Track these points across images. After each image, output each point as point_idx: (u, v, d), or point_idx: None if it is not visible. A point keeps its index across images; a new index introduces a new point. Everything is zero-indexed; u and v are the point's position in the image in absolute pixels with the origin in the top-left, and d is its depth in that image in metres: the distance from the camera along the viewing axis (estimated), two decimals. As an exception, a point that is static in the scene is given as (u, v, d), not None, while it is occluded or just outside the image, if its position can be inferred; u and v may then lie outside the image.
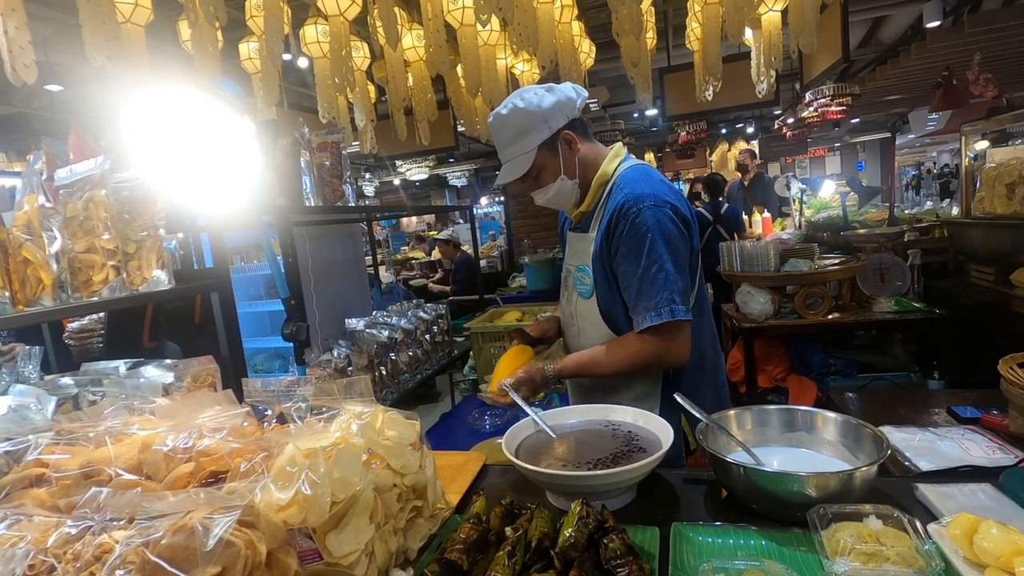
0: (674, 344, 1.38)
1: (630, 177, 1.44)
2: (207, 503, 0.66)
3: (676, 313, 1.34)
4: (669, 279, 1.35)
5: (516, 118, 1.43)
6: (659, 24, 4.28)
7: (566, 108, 1.44)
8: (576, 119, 1.47)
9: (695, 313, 1.45)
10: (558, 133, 1.44)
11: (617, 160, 1.50)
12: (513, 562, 0.81)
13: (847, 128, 12.61)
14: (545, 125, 1.42)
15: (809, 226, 5.02)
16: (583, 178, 1.51)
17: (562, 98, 1.43)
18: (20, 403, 1.13)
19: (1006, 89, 5.27)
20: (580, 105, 1.47)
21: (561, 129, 1.44)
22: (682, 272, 1.38)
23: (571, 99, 1.45)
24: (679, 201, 1.41)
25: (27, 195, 1.24)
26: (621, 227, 1.38)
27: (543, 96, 1.42)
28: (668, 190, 1.42)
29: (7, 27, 1.99)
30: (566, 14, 3.03)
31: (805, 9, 2.61)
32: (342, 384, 1.00)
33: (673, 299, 1.34)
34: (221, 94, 1.81)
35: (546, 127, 1.42)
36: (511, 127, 1.44)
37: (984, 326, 2.74)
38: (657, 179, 1.45)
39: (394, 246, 11.46)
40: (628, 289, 1.40)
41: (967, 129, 3.12)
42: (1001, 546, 0.74)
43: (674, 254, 1.36)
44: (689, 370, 1.49)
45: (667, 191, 1.41)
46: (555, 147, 1.45)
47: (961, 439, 1.46)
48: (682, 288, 1.37)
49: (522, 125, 1.43)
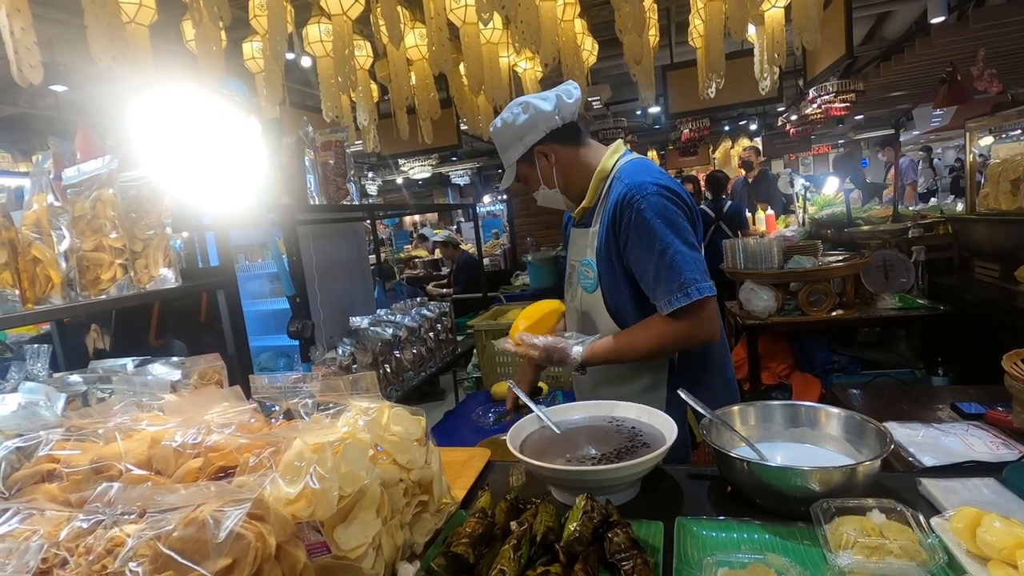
0: (704, 322, 1.39)
1: (629, 169, 1.46)
2: (217, 496, 0.66)
3: (702, 291, 1.35)
4: (686, 259, 1.35)
5: (499, 135, 1.54)
6: (662, 21, 4.28)
7: (540, 124, 1.48)
8: (558, 128, 1.50)
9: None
10: (533, 148, 1.51)
11: (616, 155, 1.53)
12: (519, 556, 0.82)
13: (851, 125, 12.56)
14: (520, 143, 1.51)
15: (813, 223, 5.00)
16: (580, 178, 1.54)
17: (534, 114, 1.47)
18: (30, 400, 1.14)
19: (1011, 85, 5.24)
20: (564, 112, 1.50)
21: (537, 144, 1.50)
22: (695, 249, 1.38)
23: (545, 112, 1.47)
24: (679, 188, 1.43)
25: (36, 194, 1.25)
26: (627, 217, 1.39)
27: (518, 115, 1.49)
28: (666, 178, 1.45)
29: (13, 28, 2.00)
30: (568, 12, 3.04)
31: (808, 5, 2.61)
32: (348, 380, 1.01)
33: (695, 278, 1.35)
34: (226, 93, 1.82)
35: (520, 144, 1.52)
36: (498, 142, 1.57)
37: (989, 322, 2.73)
38: (656, 170, 1.47)
39: (397, 244, 11.48)
40: (645, 276, 1.41)
41: (971, 125, 3.11)
42: (1003, 539, 0.74)
43: (683, 234, 1.37)
44: (695, 362, 1.50)
45: (665, 179, 1.44)
46: (532, 161, 1.53)
47: (965, 435, 1.47)
48: (699, 266, 1.37)
49: (503, 142, 1.55)
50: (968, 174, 3.20)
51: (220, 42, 2.75)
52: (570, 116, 1.51)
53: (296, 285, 2.17)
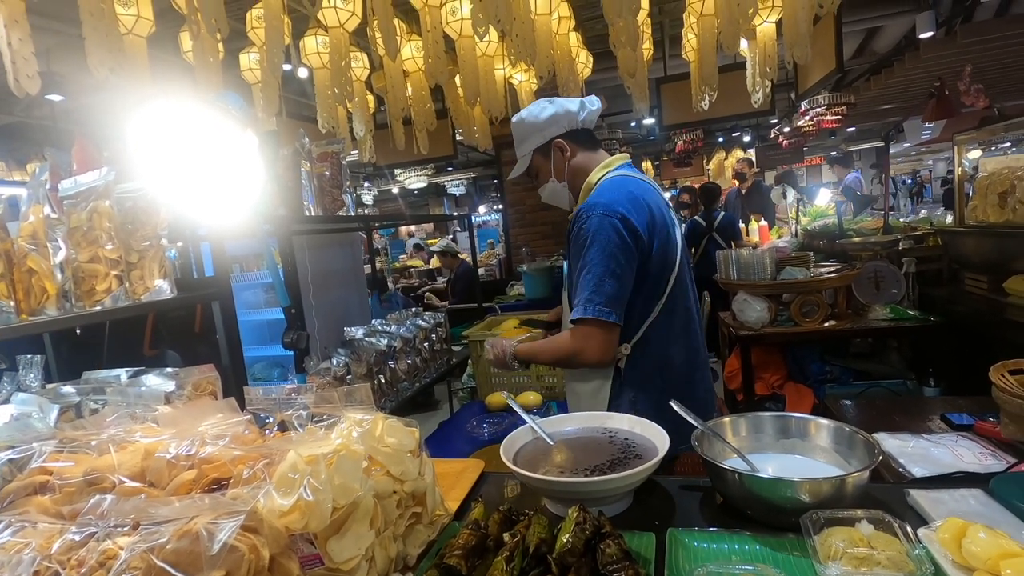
0: (589, 343, 1.46)
1: (603, 186, 1.56)
2: (211, 508, 0.67)
3: (588, 311, 1.42)
4: (601, 283, 1.43)
5: (520, 126, 1.67)
6: (656, 35, 4.33)
7: (563, 120, 1.61)
8: (578, 130, 1.63)
9: (663, 322, 1.52)
10: (551, 141, 1.63)
11: (606, 170, 1.61)
12: (511, 567, 0.83)
13: (843, 137, 12.70)
14: (540, 134, 1.63)
15: (805, 234, 5.05)
16: (574, 183, 1.64)
17: (560, 111, 1.61)
18: (23, 411, 1.13)
19: (997, 99, 5.33)
20: (586, 116, 1.63)
21: (555, 138, 1.62)
22: (614, 278, 1.44)
23: (570, 112, 1.61)
24: (636, 213, 1.47)
25: (32, 206, 1.26)
26: (575, 228, 1.50)
27: (544, 108, 1.63)
28: (628, 201, 1.48)
29: (11, 38, 2.01)
30: (563, 25, 3.07)
31: (799, 21, 2.65)
32: (343, 392, 1.02)
33: (592, 299, 1.42)
34: (224, 107, 1.84)
35: (540, 136, 1.63)
36: (517, 132, 1.68)
37: (978, 334, 2.76)
38: (626, 190, 1.52)
39: (393, 254, 11.48)
40: (571, 287, 1.55)
41: (960, 139, 3.16)
42: (988, 550, 0.75)
43: (608, 259, 1.43)
44: (645, 377, 1.54)
45: (624, 202, 1.48)
46: (548, 153, 1.65)
47: (954, 445, 1.48)
48: (608, 292, 1.43)
49: (524, 132, 1.66)
50: (956, 187, 3.25)
51: (218, 54, 2.76)
52: (590, 123, 1.65)
53: (291, 296, 2.17)
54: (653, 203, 1.53)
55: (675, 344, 1.57)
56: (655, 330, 1.53)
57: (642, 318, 1.53)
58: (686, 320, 1.59)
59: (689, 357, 1.59)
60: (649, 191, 1.57)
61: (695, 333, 1.61)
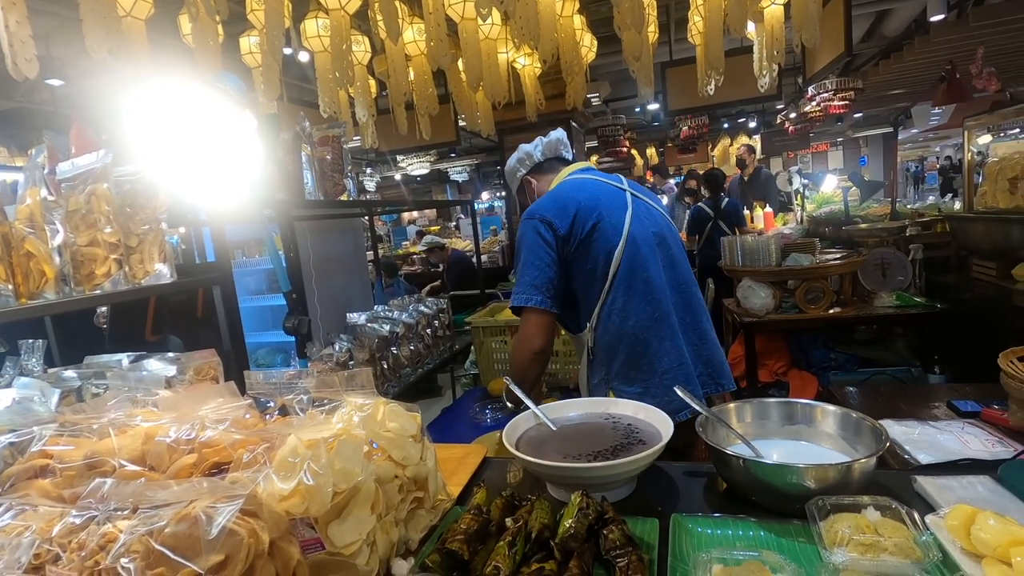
0: (527, 328, 1.67)
1: (542, 197, 1.80)
2: (210, 492, 0.66)
3: (518, 300, 1.67)
4: (520, 275, 1.69)
5: (507, 175, 2.05)
6: (661, 18, 4.26)
7: (525, 161, 1.95)
8: (540, 163, 1.93)
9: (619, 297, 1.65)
10: (522, 180, 1.97)
11: (555, 183, 1.85)
12: (513, 552, 0.82)
13: (849, 123, 12.55)
14: (514, 177, 2.00)
15: (811, 221, 5.01)
16: None
17: (521, 155, 1.95)
18: (24, 395, 1.13)
19: (1010, 83, 5.24)
20: (543, 149, 1.92)
21: (524, 176, 1.96)
22: (536, 268, 1.66)
23: (530, 153, 1.94)
24: (556, 212, 1.67)
25: (29, 188, 1.24)
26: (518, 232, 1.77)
27: (512, 158, 1.98)
28: (550, 203, 1.71)
29: (8, 21, 1.98)
30: (567, 8, 3.02)
31: (808, 3, 2.59)
32: (344, 377, 1.01)
33: (519, 290, 1.67)
34: (222, 88, 1.81)
35: (515, 179, 2.00)
36: (507, 181, 2.07)
37: (986, 321, 2.73)
38: (553, 195, 1.75)
39: (395, 241, 11.46)
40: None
41: (970, 123, 3.11)
42: (998, 536, 0.74)
43: (530, 255, 1.67)
44: (609, 350, 1.68)
45: (547, 204, 1.71)
46: (522, 188, 1.99)
47: (961, 433, 1.47)
48: (532, 281, 1.65)
49: (509, 179, 2.05)
50: (966, 172, 3.20)
51: (217, 37, 2.73)
52: (552, 151, 1.92)
53: (293, 281, 2.16)
54: (585, 198, 1.70)
55: (633, 316, 1.65)
56: (613, 305, 1.66)
57: (596, 297, 1.68)
58: (646, 291, 1.65)
59: (653, 325, 1.65)
60: (586, 186, 1.75)
61: (657, 302, 1.66)
